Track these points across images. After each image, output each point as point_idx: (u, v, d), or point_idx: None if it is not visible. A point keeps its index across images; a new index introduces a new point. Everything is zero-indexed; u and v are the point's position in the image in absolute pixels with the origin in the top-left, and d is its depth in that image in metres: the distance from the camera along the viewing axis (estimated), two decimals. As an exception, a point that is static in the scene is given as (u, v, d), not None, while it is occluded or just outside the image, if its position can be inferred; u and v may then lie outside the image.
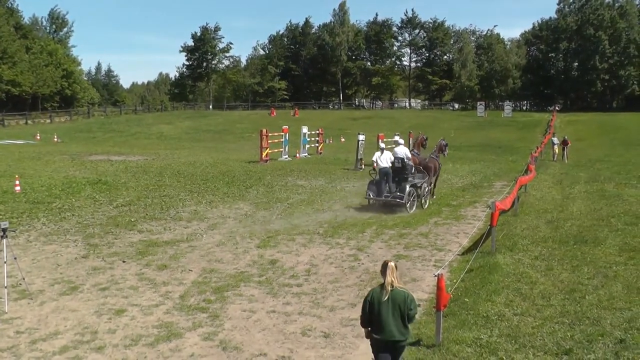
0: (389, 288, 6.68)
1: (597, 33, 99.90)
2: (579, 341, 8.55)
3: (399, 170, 20.72)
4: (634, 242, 14.66)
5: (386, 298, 6.66)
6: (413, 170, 21.32)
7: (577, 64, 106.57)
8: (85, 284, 11.35)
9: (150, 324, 9.39)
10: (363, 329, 7.08)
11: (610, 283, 11.22)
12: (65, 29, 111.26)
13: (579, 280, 11.48)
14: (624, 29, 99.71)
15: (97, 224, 16.63)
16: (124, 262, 12.94)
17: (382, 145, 22.17)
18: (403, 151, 21.62)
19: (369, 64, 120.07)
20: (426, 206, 21.27)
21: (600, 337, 8.63)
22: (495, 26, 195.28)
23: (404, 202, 20.09)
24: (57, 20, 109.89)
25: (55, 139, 52.92)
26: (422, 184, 21.41)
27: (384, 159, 20.88)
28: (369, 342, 7.02)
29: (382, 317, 6.66)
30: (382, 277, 6.82)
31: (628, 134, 57.34)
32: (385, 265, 6.78)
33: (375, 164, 21.53)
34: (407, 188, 20.23)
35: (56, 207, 18.66)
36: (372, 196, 20.64)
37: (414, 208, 20.52)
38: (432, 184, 23.14)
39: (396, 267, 6.82)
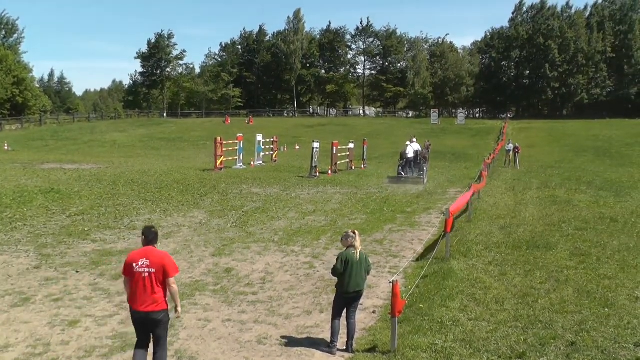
0: (358, 251, 8.62)
1: (547, 42, 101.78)
2: (532, 345, 8.72)
3: (416, 159, 32.63)
4: (584, 246, 15.06)
5: (358, 259, 8.57)
6: (421, 159, 32.83)
7: (528, 72, 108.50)
8: (37, 295, 11.12)
9: (104, 334, 9.26)
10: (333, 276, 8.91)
11: (561, 287, 11.48)
12: (15, 35, 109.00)
13: (531, 284, 11.71)
14: (572, 39, 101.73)
15: (49, 234, 16.33)
16: (77, 272, 12.73)
17: (408, 142, 34.08)
18: (417, 147, 34.32)
19: (323, 71, 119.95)
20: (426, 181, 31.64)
21: (552, 341, 8.82)
22: (447, 35, 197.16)
23: (422, 179, 31.14)
24: (7, 26, 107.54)
25: (6, 147, 51.86)
26: (424, 168, 32.92)
27: (410, 151, 32.75)
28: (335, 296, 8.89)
29: (354, 273, 8.55)
30: (347, 242, 8.67)
31: (578, 141, 58.56)
32: (354, 233, 8.72)
33: (404, 154, 32.80)
34: (425, 170, 32.49)
35: (7, 217, 18.29)
36: (403, 175, 31.44)
37: (425, 182, 31.04)
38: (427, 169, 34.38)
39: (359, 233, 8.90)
